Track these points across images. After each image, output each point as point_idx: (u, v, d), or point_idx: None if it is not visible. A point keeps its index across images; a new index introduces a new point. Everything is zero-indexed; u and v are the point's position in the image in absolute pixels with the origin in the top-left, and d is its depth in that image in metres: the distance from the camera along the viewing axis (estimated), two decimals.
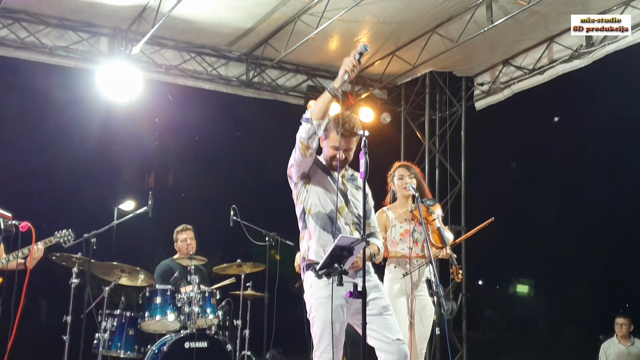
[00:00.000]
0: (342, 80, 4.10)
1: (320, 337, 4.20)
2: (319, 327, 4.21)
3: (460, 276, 5.62)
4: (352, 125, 4.31)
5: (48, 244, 6.15)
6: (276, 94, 10.49)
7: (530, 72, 9.53)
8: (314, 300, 4.26)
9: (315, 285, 4.23)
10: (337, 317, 4.16)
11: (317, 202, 4.37)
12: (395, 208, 5.98)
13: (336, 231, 4.24)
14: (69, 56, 8.95)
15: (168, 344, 6.73)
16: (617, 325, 9.03)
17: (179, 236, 8.05)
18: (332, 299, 4.08)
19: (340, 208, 4.35)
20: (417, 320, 5.82)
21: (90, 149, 16.59)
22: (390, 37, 9.20)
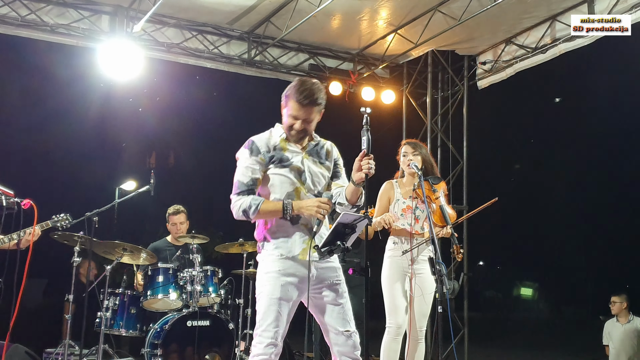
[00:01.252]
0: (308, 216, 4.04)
1: (264, 314, 4.00)
2: (264, 302, 4.02)
3: (460, 255, 5.63)
4: (312, 93, 4.07)
5: (45, 227, 6.15)
6: (278, 73, 10.45)
7: (532, 51, 9.48)
8: (263, 275, 4.09)
9: (267, 259, 4.10)
10: (284, 294, 4.00)
11: (271, 187, 4.16)
12: (403, 184, 6.02)
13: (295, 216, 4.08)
14: (70, 34, 8.89)
15: (170, 323, 6.77)
16: (612, 304, 9.17)
17: (171, 219, 8.07)
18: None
19: (295, 191, 4.13)
20: (417, 297, 5.85)
21: (91, 128, 16.56)
22: (392, 15, 9.14)
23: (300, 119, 4.11)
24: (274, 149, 4.17)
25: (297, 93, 4.06)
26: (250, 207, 4.01)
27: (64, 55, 11.09)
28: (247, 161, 4.14)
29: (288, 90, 4.15)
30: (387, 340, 5.75)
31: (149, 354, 6.78)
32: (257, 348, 3.97)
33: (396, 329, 5.72)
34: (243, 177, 4.12)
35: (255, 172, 4.11)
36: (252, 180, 4.10)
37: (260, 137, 4.23)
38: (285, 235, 4.09)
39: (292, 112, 4.11)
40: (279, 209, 4.02)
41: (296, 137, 4.18)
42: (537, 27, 9.34)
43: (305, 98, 4.05)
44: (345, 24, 9.44)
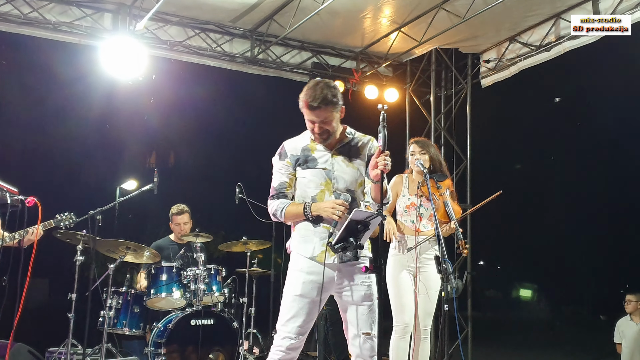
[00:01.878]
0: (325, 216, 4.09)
1: (284, 309, 4.15)
2: (286, 299, 4.17)
3: (466, 250, 5.60)
4: (317, 96, 4.10)
5: (47, 226, 6.14)
6: (281, 71, 10.42)
7: (537, 49, 9.44)
8: (289, 272, 4.24)
9: (292, 258, 4.25)
10: (305, 291, 4.11)
11: (299, 193, 4.29)
12: (412, 180, 6.01)
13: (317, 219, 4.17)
14: (73, 32, 8.87)
15: (174, 321, 6.75)
16: (626, 303, 9.09)
17: (175, 219, 8.05)
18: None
19: (319, 193, 4.22)
20: (421, 295, 5.83)
21: (93, 127, 16.55)
22: (395, 13, 9.11)
23: (316, 122, 4.17)
24: (302, 151, 4.29)
25: (306, 97, 4.13)
26: (277, 211, 4.22)
27: (67, 53, 11.08)
28: (277, 165, 4.33)
29: (301, 95, 4.19)
30: (395, 339, 5.74)
31: (152, 353, 6.76)
32: (276, 340, 4.14)
33: (403, 328, 5.71)
34: (274, 182, 4.31)
35: (283, 175, 4.28)
36: (281, 184, 4.27)
37: (292, 140, 4.38)
38: (307, 236, 4.20)
39: (306, 117, 4.21)
40: (300, 211, 4.17)
41: (320, 139, 4.25)
42: (541, 25, 9.30)
43: (313, 101, 4.10)
44: (348, 22, 9.41)
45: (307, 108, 4.14)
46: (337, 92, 4.20)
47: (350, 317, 4.16)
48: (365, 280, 4.18)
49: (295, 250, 4.24)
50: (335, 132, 4.26)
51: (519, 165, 31.47)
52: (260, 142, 19.56)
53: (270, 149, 4.51)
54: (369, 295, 4.17)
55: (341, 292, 4.20)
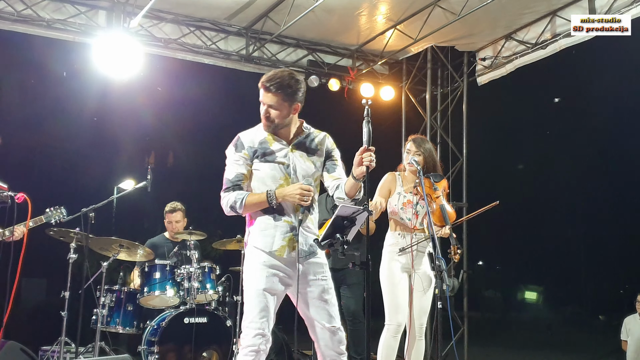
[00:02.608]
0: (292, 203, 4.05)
1: (251, 305, 4.02)
2: (250, 294, 4.04)
3: (457, 256, 5.57)
4: (273, 78, 4.09)
5: (38, 222, 6.10)
6: (276, 69, 10.37)
7: (532, 47, 9.43)
8: (249, 267, 4.11)
9: (252, 253, 4.12)
10: (270, 285, 4.02)
11: (256, 184, 4.19)
12: (405, 178, 5.95)
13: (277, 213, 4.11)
14: (67, 29, 8.84)
15: (167, 319, 6.72)
16: (637, 302, 9.06)
17: (168, 216, 8.04)
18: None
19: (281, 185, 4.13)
20: (418, 292, 5.79)
21: (88, 124, 16.51)
22: (391, 11, 9.09)
23: (265, 104, 4.14)
24: (259, 143, 4.19)
25: (264, 77, 4.14)
26: (236, 202, 4.07)
27: (60, 50, 11.03)
28: (233, 157, 4.21)
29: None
30: (386, 338, 5.68)
31: (145, 351, 6.73)
32: (246, 339, 3.97)
33: (396, 327, 5.67)
34: (229, 174, 4.18)
35: (240, 167, 4.16)
36: (237, 175, 4.15)
37: (247, 132, 4.28)
38: (267, 230, 4.10)
39: (260, 97, 4.16)
40: (263, 199, 4.05)
41: (266, 125, 4.18)
42: (537, 23, 9.29)
43: (267, 81, 4.09)
44: (343, 19, 9.38)
45: (261, 87, 4.12)
46: (299, 86, 4.15)
47: (315, 312, 4.11)
48: (324, 274, 4.17)
49: (254, 244, 4.12)
50: (288, 125, 4.21)
51: (521, 166, 31.45)
52: None
53: None
54: (329, 288, 4.15)
55: (305, 287, 4.12)
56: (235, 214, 4.12)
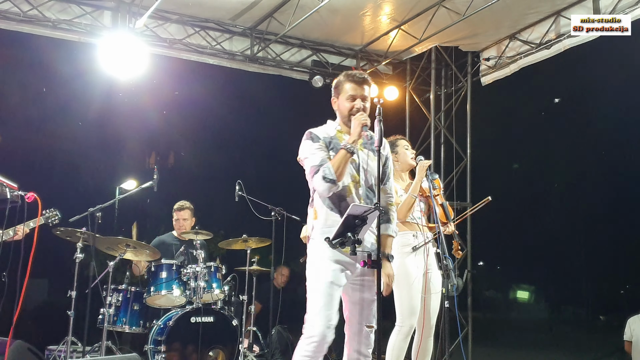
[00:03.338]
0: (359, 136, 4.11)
1: (317, 297, 4.08)
2: (317, 287, 4.10)
3: (460, 252, 5.57)
4: (362, 74, 4.35)
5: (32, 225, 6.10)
6: (281, 69, 10.41)
7: (537, 47, 9.44)
8: (315, 261, 4.19)
9: (318, 246, 4.16)
10: (336, 279, 4.09)
11: None
12: (396, 179, 5.88)
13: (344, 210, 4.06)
14: (72, 30, 8.86)
15: (174, 319, 6.73)
16: None
17: (175, 214, 8.04)
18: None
19: (349, 185, 4.20)
20: (433, 294, 5.75)
21: (93, 125, 16.51)
22: (395, 11, 9.10)
23: (357, 96, 4.28)
24: (330, 137, 4.30)
25: (349, 73, 4.37)
26: (326, 175, 4.08)
27: (66, 51, 11.05)
28: (312, 146, 4.26)
29: (336, 81, 4.42)
30: (398, 340, 5.59)
31: (152, 351, 6.75)
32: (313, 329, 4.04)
33: (409, 330, 5.58)
34: (314, 160, 4.20)
35: (323, 152, 4.22)
36: (322, 159, 4.18)
37: (317, 128, 4.39)
38: (333, 227, 4.07)
39: (350, 92, 4.30)
40: (343, 154, 4.10)
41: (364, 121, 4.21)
42: (542, 23, 9.30)
43: (359, 75, 4.34)
44: (348, 19, 9.40)
45: (352, 81, 4.30)
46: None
47: (358, 310, 4.17)
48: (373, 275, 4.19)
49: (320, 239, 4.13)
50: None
51: (516, 165, 31.42)
52: (259, 140, 19.56)
53: (270, 146, 4.52)
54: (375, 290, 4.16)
55: (355, 284, 4.20)
56: (333, 184, 4.10)
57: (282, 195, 10.71)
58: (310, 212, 4.34)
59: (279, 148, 16.84)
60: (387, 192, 4.41)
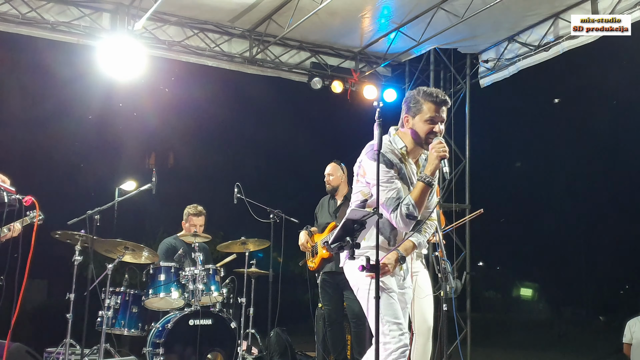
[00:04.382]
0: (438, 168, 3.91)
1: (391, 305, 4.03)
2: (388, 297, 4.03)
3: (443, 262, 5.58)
4: (443, 95, 4.03)
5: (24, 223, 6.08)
6: (279, 71, 10.42)
7: (535, 49, 9.44)
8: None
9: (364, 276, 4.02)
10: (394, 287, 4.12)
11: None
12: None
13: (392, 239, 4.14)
14: (71, 32, 8.86)
15: (172, 321, 6.73)
16: None
17: (191, 219, 7.91)
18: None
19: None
20: (418, 298, 5.73)
21: (92, 127, 16.54)
22: (394, 13, 9.10)
23: (438, 120, 4.01)
24: (399, 161, 4.07)
25: (431, 91, 4.01)
26: (410, 212, 3.91)
27: (65, 53, 11.06)
28: (387, 174, 3.99)
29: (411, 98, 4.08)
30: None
31: (150, 353, 6.74)
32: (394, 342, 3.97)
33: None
34: (392, 194, 3.97)
35: (399, 183, 4.01)
36: (399, 191, 3.98)
37: (385, 147, 4.05)
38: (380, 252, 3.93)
39: (430, 114, 4.00)
40: (422, 186, 3.91)
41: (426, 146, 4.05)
42: (540, 25, 9.30)
43: (442, 98, 4.00)
44: (347, 22, 9.39)
45: (434, 102, 3.99)
46: None
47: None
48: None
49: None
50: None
51: (518, 163, 31.41)
52: (258, 142, 19.55)
53: (269, 148, 4.51)
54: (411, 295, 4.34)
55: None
56: (415, 220, 3.96)
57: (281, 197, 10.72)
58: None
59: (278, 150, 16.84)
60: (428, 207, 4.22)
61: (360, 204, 4.10)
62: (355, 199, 4.16)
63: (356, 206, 4.09)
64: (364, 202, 4.09)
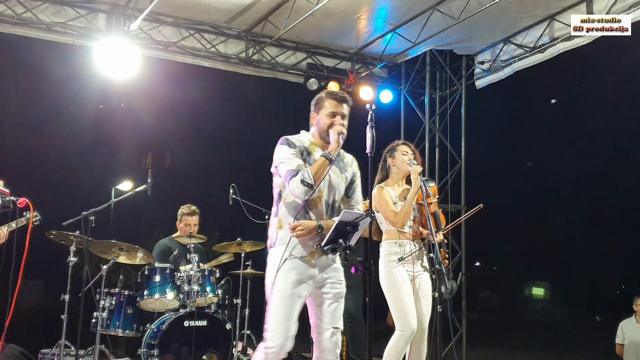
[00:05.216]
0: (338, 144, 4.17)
1: (276, 310, 4.14)
2: (276, 299, 4.15)
3: (447, 262, 5.55)
4: (343, 93, 4.44)
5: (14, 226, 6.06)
6: (276, 72, 10.42)
7: (531, 50, 9.47)
8: (275, 273, 4.20)
9: (279, 256, 4.20)
10: (297, 291, 4.15)
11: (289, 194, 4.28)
12: (392, 186, 5.84)
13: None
14: (66, 32, 8.85)
15: (167, 323, 6.72)
16: (636, 305, 8.93)
17: (185, 219, 7.88)
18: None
19: (315, 199, 4.25)
20: (425, 297, 5.70)
21: (87, 127, 16.48)
22: (390, 14, 9.11)
23: (338, 114, 4.33)
24: (304, 147, 4.35)
25: (330, 91, 4.48)
26: (305, 179, 4.11)
27: (60, 54, 11.02)
28: (288, 151, 4.29)
29: (317, 98, 4.46)
30: (400, 344, 5.49)
31: (145, 355, 6.73)
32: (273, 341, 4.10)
33: (411, 334, 5.51)
34: (290, 165, 4.22)
35: (298, 159, 4.26)
36: (299, 165, 4.21)
37: (292, 136, 4.42)
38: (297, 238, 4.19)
39: (331, 109, 4.35)
40: (322, 161, 4.17)
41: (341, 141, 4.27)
42: (536, 27, 9.33)
43: (340, 95, 4.41)
44: (343, 23, 9.40)
45: (334, 99, 4.36)
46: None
47: (323, 311, 4.26)
48: (340, 279, 4.33)
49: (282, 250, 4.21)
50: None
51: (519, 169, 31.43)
52: (254, 143, 19.50)
53: (265, 149, 4.50)
54: (341, 292, 4.34)
55: (320, 287, 4.28)
56: (310, 189, 4.11)
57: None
58: (273, 221, 4.37)
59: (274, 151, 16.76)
60: (351, 203, 4.46)
61: (277, 197, 4.37)
62: (275, 193, 4.42)
63: (276, 201, 4.35)
64: (279, 193, 4.35)
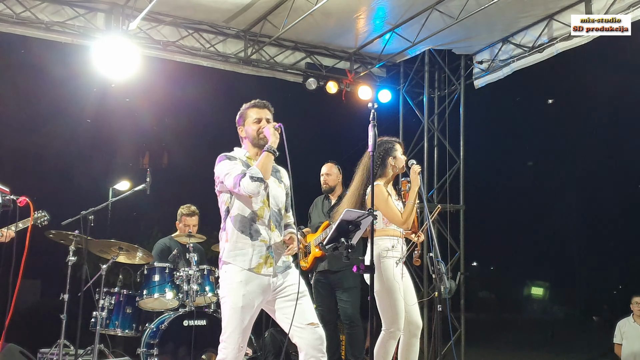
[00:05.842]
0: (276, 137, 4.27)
1: (227, 322, 4.23)
2: (227, 311, 4.24)
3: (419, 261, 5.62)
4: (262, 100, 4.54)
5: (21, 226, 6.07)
6: (274, 72, 10.41)
7: (529, 50, 9.46)
8: (227, 285, 4.28)
9: (230, 271, 4.27)
10: (248, 302, 4.20)
11: (238, 204, 4.37)
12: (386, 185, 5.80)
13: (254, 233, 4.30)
14: (65, 32, 8.83)
15: (167, 322, 6.71)
16: (633, 305, 8.93)
17: (185, 219, 7.86)
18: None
19: (259, 210, 4.34)
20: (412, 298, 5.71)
21: (86, 127, 16.50)
22: (389, 14, 9.11)
23: (263, 118, 4.46)
24: (243, 162, 4.41)
25: (251, 103, 4.55)
26: (254, 174, 4.19)
27: (59, 53, 11.02)
28: (230, 163, 4.38)
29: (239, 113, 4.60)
30: (390, 344, 5.50)
31: (144, 354, 6.73)
32: (225, 352, 4.23)
33: (399, 334, 5.54)
34: (236, 170, 4.29)
35: (242, 166, 4.33)
36: (242, 169, 4.28)
37: (228, 153, 4.52)
38: (244, 249, 4.28)
39: (254, 116, 4.48)
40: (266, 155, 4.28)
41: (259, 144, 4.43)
42: (534, 26, 9.32)
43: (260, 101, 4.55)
44: (342, 22, 9.40)
45: (255, 107, 4.51)
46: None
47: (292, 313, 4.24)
48: (296, 279, 4.36)
49: (231, 262, 4.29)
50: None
51: (518, 168, 31.45)
52: None
53: None
54: (304, 291, 4.35)
55: (278, 292, 4.33)
56: (262, 182, 4.20)
57: None
58: (222, 235, 4.45)
59: None
60: (289, 217, 4.64)
61: (225, 213, 4.42)
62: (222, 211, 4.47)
63: (223, 217, 4.42)
64: (227, 210, 4.41)
